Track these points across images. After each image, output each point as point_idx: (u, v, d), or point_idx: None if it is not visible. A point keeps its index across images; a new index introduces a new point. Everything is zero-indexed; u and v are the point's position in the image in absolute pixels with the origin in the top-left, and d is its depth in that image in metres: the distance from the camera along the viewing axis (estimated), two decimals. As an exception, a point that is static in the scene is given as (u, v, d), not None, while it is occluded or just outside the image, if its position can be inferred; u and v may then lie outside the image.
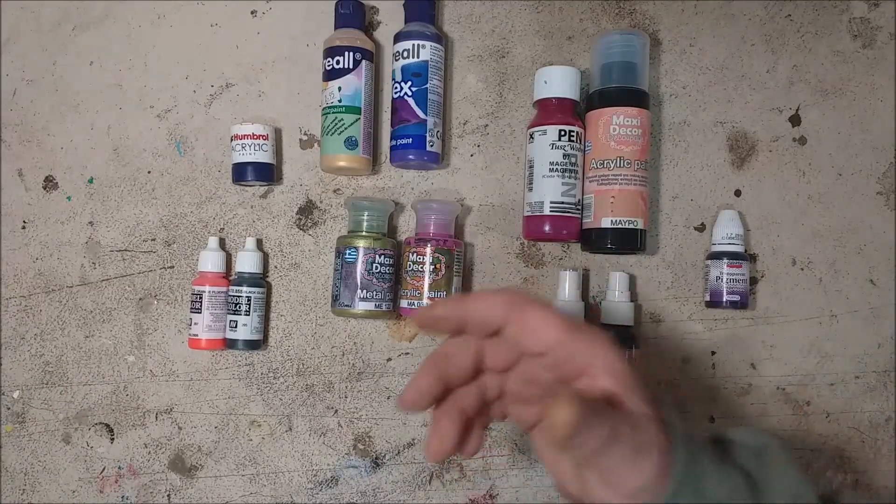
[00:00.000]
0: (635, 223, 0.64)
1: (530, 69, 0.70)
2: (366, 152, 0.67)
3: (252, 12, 0.72)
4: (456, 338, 0.40)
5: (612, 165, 0.63)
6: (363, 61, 0.67)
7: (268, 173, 0.69)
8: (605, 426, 0.33)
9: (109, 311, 0.71)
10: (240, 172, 0.69)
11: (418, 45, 0.66)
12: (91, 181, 0.72)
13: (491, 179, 0.70)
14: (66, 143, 0.73)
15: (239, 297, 0.67)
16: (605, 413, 0.34)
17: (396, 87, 0.66)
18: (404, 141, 0.66)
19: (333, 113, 0.66)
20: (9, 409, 0.72)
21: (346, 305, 0.65)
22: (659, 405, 0.38)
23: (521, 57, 0.71)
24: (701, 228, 0.69)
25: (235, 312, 0.67)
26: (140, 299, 0.71)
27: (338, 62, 0.66)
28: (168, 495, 0.70)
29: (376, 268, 0.65)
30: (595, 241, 0.65)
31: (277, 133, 0.71)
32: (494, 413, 0.43)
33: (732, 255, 0.65)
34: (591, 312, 0.68)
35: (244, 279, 0.68)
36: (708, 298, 0.67)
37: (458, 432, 0.39)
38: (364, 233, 0.66)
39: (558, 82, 0.65)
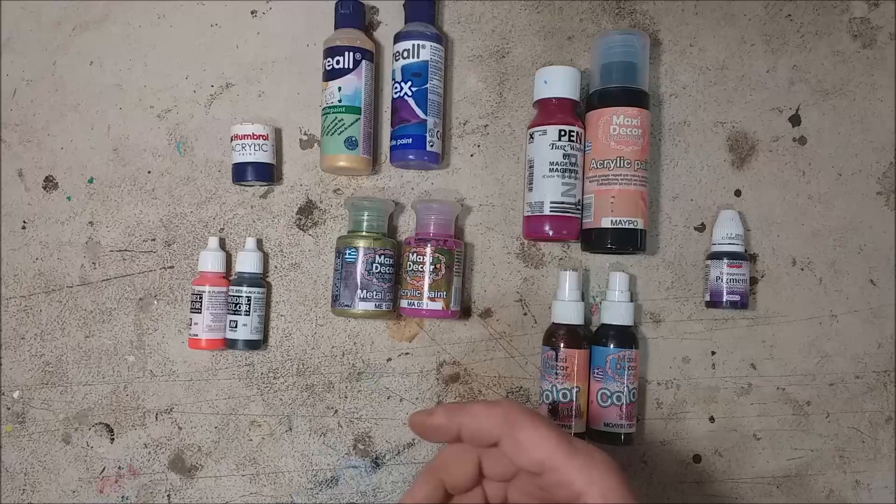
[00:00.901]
0: (635, 223, 0.64)
1: (530, 69, 0.70)
2: (366, 152, 0.67)
3: (252, 12, 0.72)
4: (453, 448, 0.39)
5: (612, 165, 0.63)
6: (363, 61, 0.67)
7: (268, 173, 0.69)
8: None
9: (109, 311, 0.71)
10: (240, 172, 0.69)
11: (418, 45, 0.66)
12: (91, 181, 0.72)
13: (491, 179, 0.70)
14: (66, 143, 0.73)
15: (239, 297, 0.67)
16: None
17: (396, 87, 0.66)
18: (404, 141, 0.66)
19: (333, 113, 0.66)
20: (9, 409, 0.72)
21: (346, 305, 0.65)
22: None
23: (521, 57, 0.71)
24: (701, 228, 0.69)
25: (235, 312, 0.67)
26: (140, 299, 0.71)
27: (338, 62, 0.66)
28: (168, 495, 0.70)
29: (376, 268, 0.65)
30: (595, 241, 0.65)
31: (277, 133, 0.71)
32: None
33: (732, 255, 0.65)
34: (591, 312, 0.68)
35: (244, 279, 0.68)
36: (708, 298, 0.67)
37: None
38: (364, 233, 0.66)
39: (558, 82, 0.65)
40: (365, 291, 0.64)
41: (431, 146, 0.66)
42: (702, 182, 0.70)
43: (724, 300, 0.65)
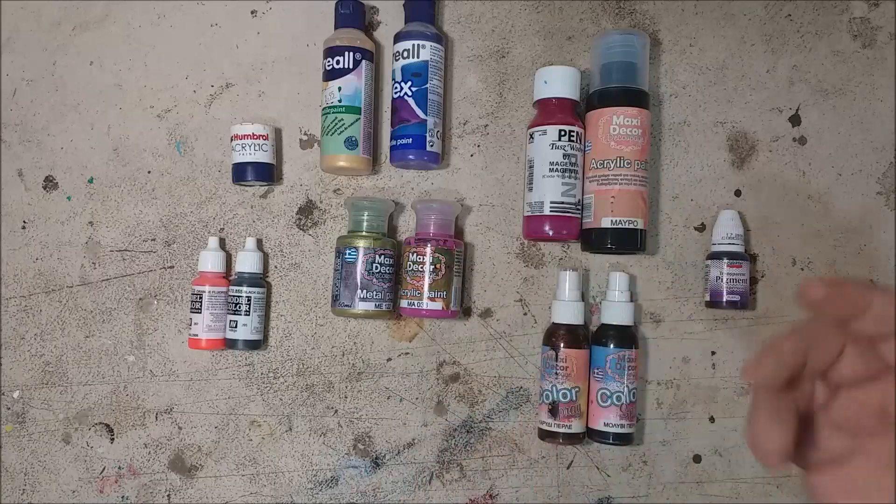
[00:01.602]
0: (635, 223, 0.64)
1: (530, 69, 0.70)
2: (366, 152, 0.67)
3: (252, 12, 0.72)
4: (826, 323, 0.32)
5: (612, 165, 0.63)
6: (363, 61, 0.67)
7: (268, 173, 0.69)
8: None
9: (109, 311, 0.71)
10: (240, 172, 0.69)
11: (418, 45, 0.66)
12: (91, 181, 0.72)
13: (491, 179, 0.70)
14: (66, 143, 0.73)
15: (239, 297, 0.67)
16: None
17: (396, 87, 0.66)
18: (404, 141, 0.66)
19: (333, 113, 0.66)
20: (9, 409, 0.72)
21: (346, 305, 0.65)
22: None
23: (521, 57, 0.71)
24: (701, 228, 0.69)
25: (235, 312, 0.67)
26: (140, 299, 0.71)
27: (338, 62, 0.66)
28: (168, 495, 0.70)
29: (376, 268, 0.65)
30: (595, 241, 0.65)
31: (277, 133, 0.71)
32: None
33: (732, 255, 0.65)
34: (591, 312, 0.68)
35: (244, 279, 0.68)
36: (708, 298, 0.67)
37: (795, 435, 0.31)
38: (364, 233, 0.66)
39: (558, 82, 0.65)
40: (365, 291, 0.64)
41: (431, 146, 0.66)
42: (702, 182, 0.70)
43: (724, 300, 0.65)
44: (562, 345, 0.64)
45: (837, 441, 0.32)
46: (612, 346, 0.64)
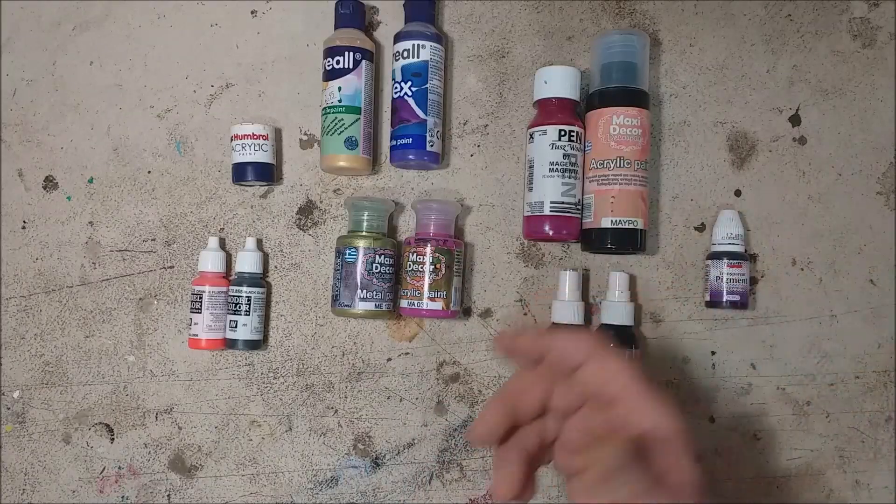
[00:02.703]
0: (635, 223, 0.64)
1: (530, 69, 0.70)
2: (366, 152, 0.67)
3: (252, 12, 0.72)
4: (525, 375, 0.40)
5: (612, 165, 0.63)
6: (363, 61, 0.67)
7: (268, 173, 0.69)
8: (646, 475, 0.35)
9: (109, 311, 0.71)
10: (240, 172, 0.69)
11: (418, 45, 0.66)
12: (91, 181, 0.72)
13: (491, 179, 0.70)
14: (66, 143, 0.73)
15: (239, 297, 0.67)
16: (647, 465, 0.36)
17: (396, 87, 0.66)
18: (404, 141, 0.66)
19: (333, 113, 0.66)
20: (9, 409, 0.72)
21: (346, 305, 0.65)
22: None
23: (521, 57, 0.71)
24: (701, 228, 0.69)
25: (235, 312, 0.67)
26: (140, 299, 0.71)
27: (338, 62, 0.66)
28: (168, 495, 0.70)
29: (376, 268, 0.65)
30: (595, 241, 0.65)
31: (277, 133, 0.71)
32: (545, 458, 0.43)
33: (732, 255, 0.65)
34: (591, 312, 0.68)
35: (244, 279, 0.68)
36: (708, 298, 0.67)
37: (524, 474, 0.39)
38: (364, 233, 0.66)
39: (558, 82, 0.65)
40: (365, 291, 0.64)
41: (431, 146, 0.66)
42: (702, 182, 0.70)
43: (724, 300, 0.65)
44: (562, 345, 0.64)
45: (571, 461, 0.38)
46: (611, 346, 0.64)
